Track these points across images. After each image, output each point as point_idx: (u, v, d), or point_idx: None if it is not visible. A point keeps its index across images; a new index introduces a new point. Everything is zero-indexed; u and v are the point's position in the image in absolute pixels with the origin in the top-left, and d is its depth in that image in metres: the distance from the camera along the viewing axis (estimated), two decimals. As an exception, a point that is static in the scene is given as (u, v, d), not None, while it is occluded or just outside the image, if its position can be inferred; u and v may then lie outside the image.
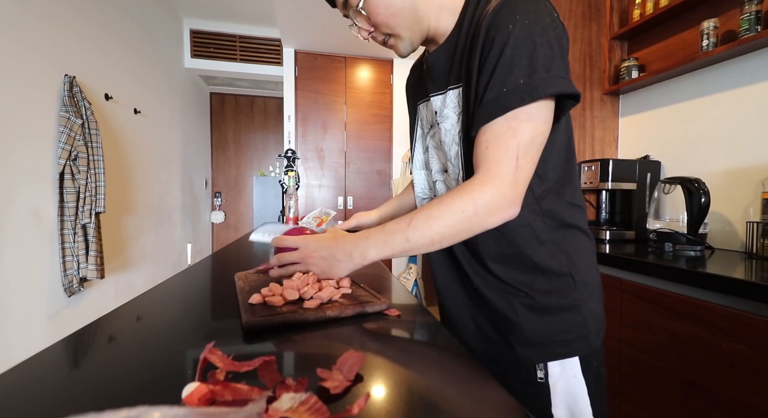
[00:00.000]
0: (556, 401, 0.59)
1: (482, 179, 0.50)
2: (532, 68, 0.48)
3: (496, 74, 0.50)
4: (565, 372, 0.59)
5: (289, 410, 0.28)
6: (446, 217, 0.50)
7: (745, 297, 0.91)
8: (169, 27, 3.33)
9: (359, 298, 0.61)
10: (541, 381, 0.59)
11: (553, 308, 0.59)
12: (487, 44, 0.51)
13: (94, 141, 2.03)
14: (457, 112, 0.59)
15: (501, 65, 0.49)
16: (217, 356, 0.34)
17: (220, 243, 4.77)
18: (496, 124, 0.50)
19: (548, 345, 0.59)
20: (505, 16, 0.50)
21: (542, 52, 0.49)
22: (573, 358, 0.59)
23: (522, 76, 0.48)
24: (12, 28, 1.64)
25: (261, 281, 0.74)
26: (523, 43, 0.48)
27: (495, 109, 0.49)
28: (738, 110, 1.43)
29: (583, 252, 0.63)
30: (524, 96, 0.48)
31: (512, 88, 0.48)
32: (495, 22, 0.50)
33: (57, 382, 0.38)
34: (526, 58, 0.48)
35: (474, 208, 0.49)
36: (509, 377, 0.62)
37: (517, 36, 0.48)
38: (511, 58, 0.49)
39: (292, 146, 3.37)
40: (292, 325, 0.52)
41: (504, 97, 0.49)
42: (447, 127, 0.62)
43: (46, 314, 1.83)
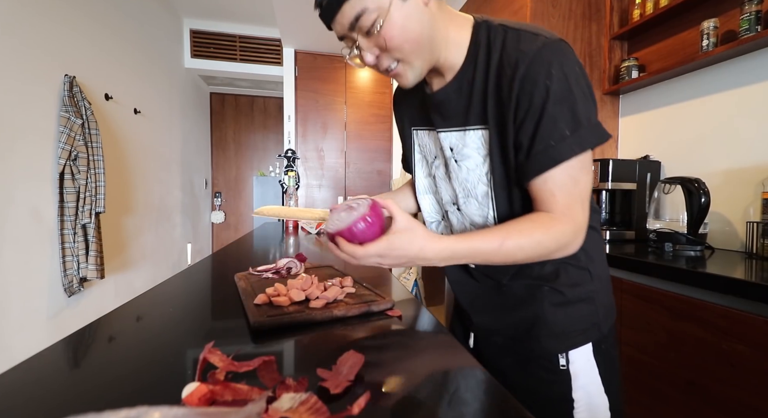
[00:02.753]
0: (576, 385, 0.63)
1: (564, 221, 0.54)
2: (576, 122, 0.52)
3: (542, 128, 0.53)
4: (581, 357, 0.64)
5: (289, 410, 0.28)
6: (532, 249, 0.53)
7: (745, 297, 0.91)
8: (169, 27, 3.33)
9: (364, 297, 0.62)
10: (563, 368, 0.64)
11: (574, 300, 0.64)
12: (524, 97, 0.53)
13: (94, 141, 2.03)
14: (483, 154, 0.61)
15: (546, 120, 0.52)
16: (216, 356, 0.34)
17: (220, 243, 4.77)
18: (556, 175, 0.54)
19: (569, 335, 0.64)
20: (540, 70, 0.51)
21: (581, 104, 0.52)
22: (587, 345, 0.64)
23: (568, 129, 0.52)
24: (12, 28, 1.64)
25: (262, 282, 0.74)
26: (564, 98, 0.52)
27: (547, 161, 0.53)
28: (738, 110, 1.43)
29: (597, 248, 0.68)
30: (574, 148, 0.52)
31: (560, 141, 0.52)
32: (530, 76, 0.52)
33: (57, 382, 0.38)
34: (568, 112, 0.52)
35: (556, 246, 0.54)
36: (532, 366, 0.66)
37: (556, 91, 0.51)
38: (554, 113, 0.52)
39: (292, 146, 3.37)
40: (298, 325, 0.52)
41: (554, 151, 0.53)
42: (469, 166, 0.63)
43: (46, 314, 1.83)
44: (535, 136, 0.53)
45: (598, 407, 0.64)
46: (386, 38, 0.53)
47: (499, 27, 0.58)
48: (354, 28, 0.54)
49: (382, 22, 0.52)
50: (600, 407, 0.64)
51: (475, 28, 0.60)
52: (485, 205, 0.64)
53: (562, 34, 1.81)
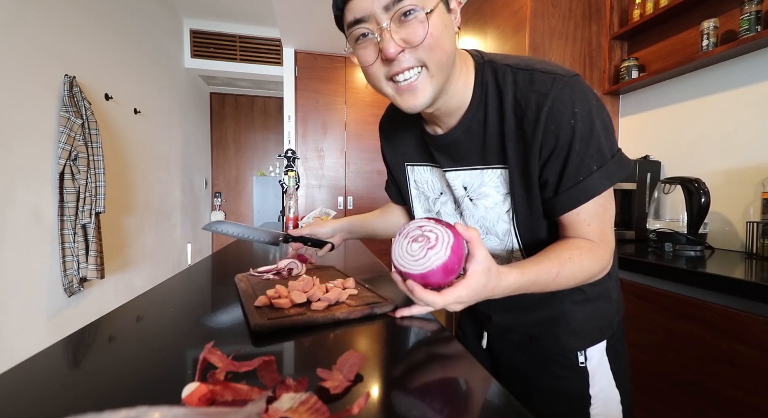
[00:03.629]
0: (593, 381, 0.65)
1: (603, 247, 0.57)
2: (601, 156, 0.54)
3: (570, 166, 0.54)
4: (597, 354, 0.66)
5: (289, 410, 0.28)
6: (582, 275, 0.55)
7: (745, 297, 0.91)
8: (169, 27, 3.33)
9: (366, 299, 0.61)
10: (582, 365, 0.65)
11: (593, 297, 0.66)
12: (549, 137, 0.53)
13: (94, 141, 2.03)
14: (503, 193, 0.62)
15: (573, 158, 0.53)
16: (216, 356, 0.34)
17: (220, 243, 4.77)
18: (588, 207, 0.56)
19: (588, 332, 0.66)
20: (563, 110, 0.52)
21: (604, 137, 0.54)
22: (602, 342, 0.66)
23: (595, 164, 0.54)
24: (12, 28, 1.64)
25: (263, 284, 0.74)
26: (589, 135, 0.53)
27: (579, 197, 0.55)
28: (738, 110, 1.43)
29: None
30: (604, 183, 0.54)
31: (588, 177, 0.54)
32: (554, 117, 0.52)
33: (57, 382, 0.38)
34: (595, 148, 0.53)
35: (599, 270, 0.57)
36: (549, 363, 0.68)
37: (581, 130, 0.52)
38: (581, 151, 0.53)
39: (292, 146, 3.37)
40: (299, 328, 0.52)
41: (584, 186, 0.54)
42: (488, 204, 0.64)
43: (46, 314, 1.83)
44: (564, 174, 0.55)
45: (611, 402, 0.65)
46: (428, 33, 0.48)
47: (505, 67, 0.56)
48: (390, 8, 0.47)
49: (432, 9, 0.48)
50: (612, 401, 0.65)
51: (478, 68, 0.58)
52: (506, 241, 0.65)
53: (562, 34, 1.81)
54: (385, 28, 0.48)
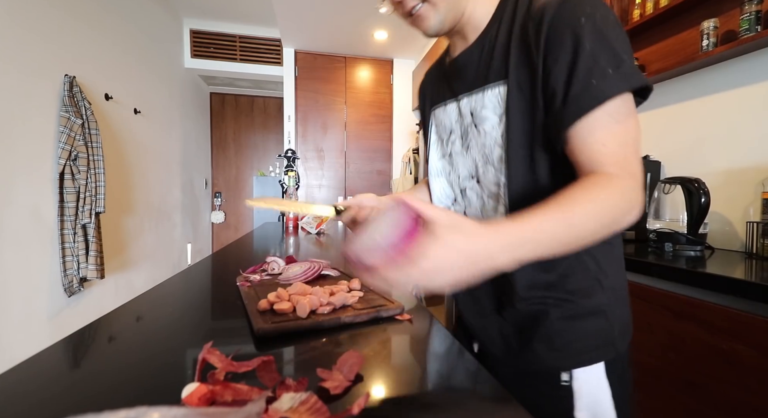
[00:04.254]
0: (579, 404, 0.58)
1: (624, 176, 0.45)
2: (618, 59, 0.45)
3: (579, 68, 0.46)
4: (589, 377, 0.58)
5: (289, 410, 0.28)
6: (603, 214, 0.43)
7: (745, 297, 0.91)
8: (169, 27, 3.34)
9: (372, 302, 0.60)
10: (565, 385, 0.58)
11: (582, 312, 0.57)
12: (555, 38, 0.47)
13: (94, 141, 2.03)
14: (498, 113, 0.56)
15: (583, 58, 0.46)
16: (215, 356, 0.34)
17: (220, 243, 4.77)
18: (602, 119, 0.46)
19: (574, 350, 0.57)
20: (573, 9, 0.47)
21: (621, 44, 0.46)
22: (598, 364, 0.58)
23: (610, 66, 0.45)
24: (12, 28, 1.64)
25: (265, 286, 0.74)
26: (603, 35, 0.46)
27: (589, 101, 0.45)
28: (738, 110, 1.43)
29: (612, 257, 0.60)
30: (621, 85, 0.45)
31: (602, 79, 0.45)
32: (561, 16, 0.47)
33: (57, 382, 0.38)
34: (608, 50, 0.46)
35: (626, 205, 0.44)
36: (532, 379, 0.60)
37: (593, 28, 0.46)
38: (592, 50, 0.45)
39: (292, 146, 3.37)
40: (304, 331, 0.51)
41: (596, 89, 0.45)
42: (487, 128, 0.58)
43: (46, 314, 1.83)
44: (572, 77, 0.46)
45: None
46: None
47: None
48: None
49: None
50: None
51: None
52: (500, 170, 0.57)
53: (562, 34, 1.81)
54: None
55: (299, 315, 0.54)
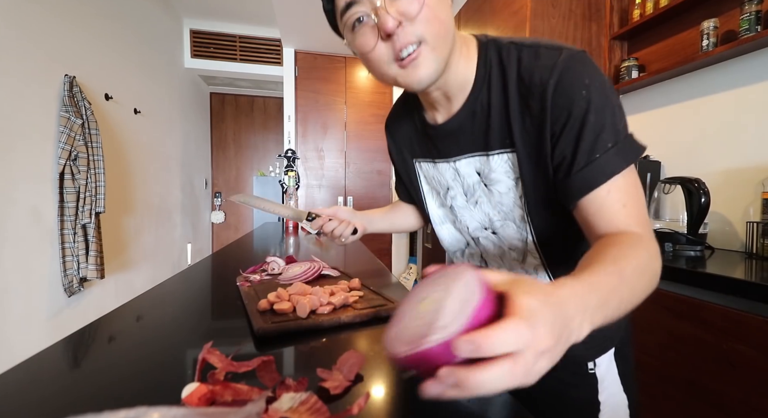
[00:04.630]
0: (602, 387, 0.64)
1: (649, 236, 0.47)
2: (616, 131, 0.48)
3: (584, 141, 0.48)
4: (606, 361, 0.65)
5: (289, 409, 0.28)
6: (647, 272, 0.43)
7: (745, 297, 0.91)
8: (169, 27, 3.33)
9: (372, 301, 0.60)
10: (592, 372, 0.64)
11: None
12: (559, 111, 0.49)
13: (94, 141, 2.03)
14: (513, 178, 0.58)
15: (588, 132, 0.48)
16: (215, 356, 0.34)
17: (220, 243, 4.77)
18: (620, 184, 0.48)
19: (598, 340, 0.63)
20: (574, 82, 0.48)
21: (619, 114, 0.49)
22: (611, 350, 0.65)
23: (610, 140, 0.48)
24: (12, 28, 1.64)
25: (265, 286, 0.74)
26: (603, 107, 0.48)
27: (596, 175, 0.48)
28: (738, 110, 1.43)
29: None
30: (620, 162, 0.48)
31: (605, 153, 0.48)
32: (564, 89, 0.48)
33: (57, 382, 0.38)
34: (609, 122, 0.48)
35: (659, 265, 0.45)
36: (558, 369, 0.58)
37: (595, 101, 0.47)
38: (595, 124, 0.47)
39: (292, 146, 3.37)
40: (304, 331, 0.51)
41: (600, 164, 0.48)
42: (501, 189, 0.60)
43: (46, 314, 1.83)
44: (578, 150, 0.48)
45: (620, 407, 0.65)
46: (424, 3, 0.46)
47: (510, 45, 0.53)
48: None
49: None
50: (621, 406, 0.65)
51: (481, 46, 0.55)
52: (523, 228, 0.61)
53: (562, 34, 1.81)
54: (380, 6, 0.47)
55: (299, 315, 0.54)
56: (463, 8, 2.44)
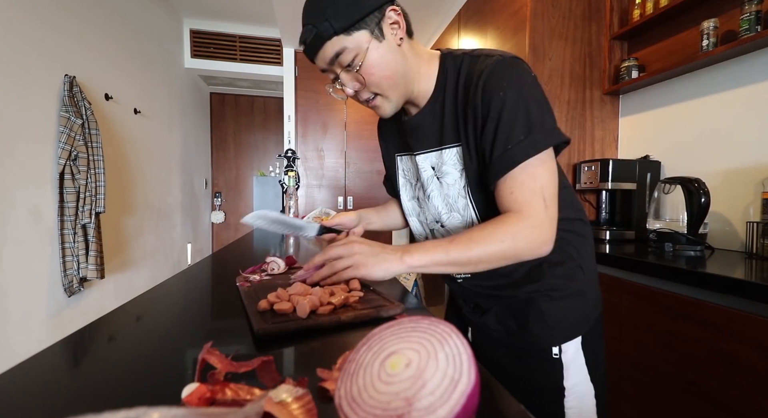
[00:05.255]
0: (567, 374, 0.67)
1: (517, 217, 0.56)
2: (529, 126, 0.56)
3: (499, 135, 0.57)
4: (573, 348, 0.68)
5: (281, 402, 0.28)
6: (486, 244, 0.55)
7: (745, 297, 0.91)
8: (169, 27, 3.34)
9: (372, 302, 0.60)
10: (556, 357, 0.68)
11: (568, 294, 0.68)
12: (483, 110, 0.58)
13: (94, 141, 2.03)
14: (459, 169, 0.66)
15: (501, 127, 0.57)
16: (215, 356, 0.34)
17: (220, 243, 4.77)
18: (515, 174, 0.57)
19: (562, 328, 0.68)
20: (494, 84, 0.57)
21: (534, 110, 0.57)
22: (578, 337, 0.68)
23: (521, 133, 0.56)
24: (12, 28, 1.64)
25: (265, 286, 0.74)
26: (516, 106, 0.56)
27: (505, 164, 0.57)
28: (738, 110, 1.43)
29: (585, 242, 0.72)
30: (529, 151, 0.56)
31: (515, 144, 0.56)
32: (486, 91, 0.57)
33: (57, 382, 0.38)
34: (522, 119, 0.56)
35: (513, 240, 0.55)
36: (526, 355, 0.70)
37: (509, 100, 0.56)
38: (509, 119, 0.56)
39: (292, 146, 3.37)
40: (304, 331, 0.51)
41: (510, 153, 0.56)
42: (449, 181, 0.68)
43: (46, 314, 1.83)
44: (495, 142, 0.58)
45: (586, 395, 0.68)
46: (365, 75, 0.60)
47: (460, 55, 0.64)
48: (334, 63, 0.60)
49: (361, 62, 0.58)
50: (587, 395, 0.68)
51: (441, 59, 0.66)
52: (466, 216, 0.69)
53: (562, 34, 1.81)
54: (340, 77, 0.62)
55: (299, 315, 0.54)
56: (463, 8, 2.45)
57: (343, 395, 0.25)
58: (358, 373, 0.26)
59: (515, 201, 0.57)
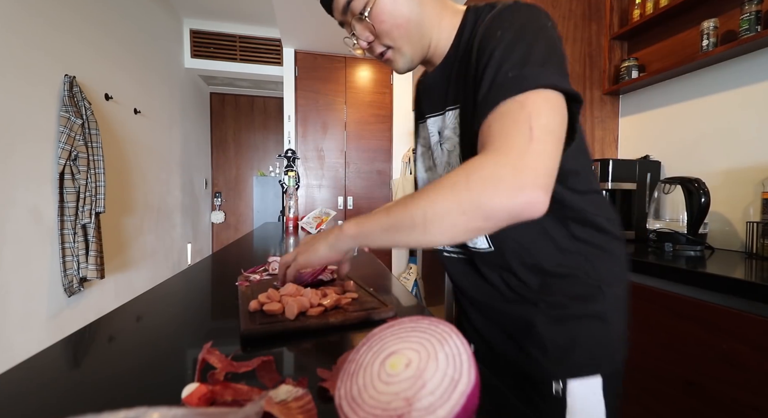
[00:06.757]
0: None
1: (481, 154, 0.42)
2: (522, 62, 0.44)
3: (487, 73, 0.46)
4: (586, 392, 0.53)
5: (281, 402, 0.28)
6: (434, 193, 0.41)
7: (745, 297, 0.91)
8: (169, 27, 3.33)
9: (365, 304, 0.59)
10: (557, 396, 0.54)
11: (579, 314, 0.54)
12: (478, 56, 0.49)
13: (94, 141, 2.03)
14: (458, 134, 0.58)
15: (491, 66, 0.46)
16: (215, 356, 0.34)
17: (220, 243, 4.77)
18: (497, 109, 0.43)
19: (571, 358, 0.54)
20: (495, 25, 0.48)
21: (536, 50, 0.45)
22: (596, 376, 0.54)
23: (511, 70, 0.44)
24: (12, 28, 1.64)
25: (264, 285, 0.74)
26: (514, 43, 0.46)
27: (486, 105, 0.44)
28: (738, 110, 1.43)
29: (614, 266, 0.58)
30: (513, 87, 0.42)
31: (501, 81, 0.44)
32: (486, 35, 0.49)
33: (57, 382, 0.38)
34: (517, 55, 0.44)
35: (467, 182, 0.39)
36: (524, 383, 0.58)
37: (506, 38, 0.46)
38: (500, 57, 0.45)
39: (292, 146, 3.37)
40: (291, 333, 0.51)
41: (494, 90, 0.44)
42: (449, 148, 0.60)
43: (46, 314, 1.83)
44: (481, 83, 0.47)
45: None
46: (375, 23, 0.54)
47: (483, 6, 0.55)
48: (347, 12, 0.56)
49: (370, 8, 0.53)
50: None
51: (465, 13, 0.58)
52: None
53: (562, 34, 1.81)
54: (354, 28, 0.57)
55: (288, 316, 0.53)
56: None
57: (343, 395, 0.25)
58: (358, 373, 0.26)
59: (489, 135, 0.42)
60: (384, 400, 0.23)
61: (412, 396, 0.23)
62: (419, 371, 0.24)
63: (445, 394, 0.22)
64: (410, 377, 0.24)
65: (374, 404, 0.23)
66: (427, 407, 0.22)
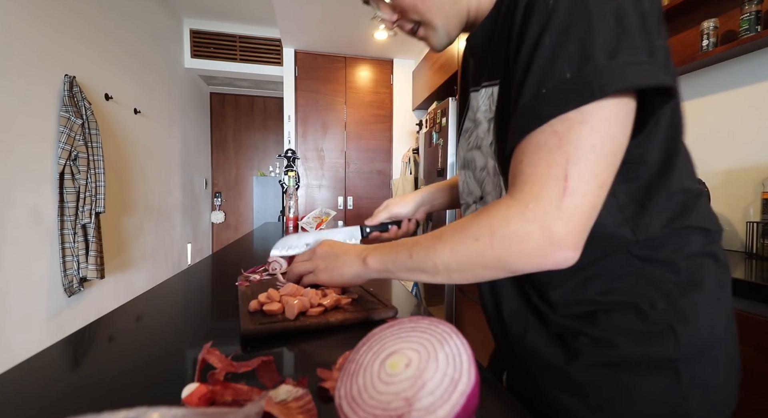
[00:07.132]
0: None
1: (508, 201, 0.35)
2: (584, 56, 0.32)
3: (533, 71, 0.35)
4: None
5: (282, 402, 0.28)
6: (455, 242, 0.37)
7: (745, 297, 0.91)
8: (169, 27, 3.34)
9: (365, 304, 0.59)
10: None
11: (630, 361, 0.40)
12: (523, 29, 0.36)
13: (94, 141, 2.03)
14: (488, 118, 0.48)
15: (539, 57, 0.34)
16: (215, 356, 0.34)
17: (220, 243, 4.77)
18: (536, 135, 0.35)
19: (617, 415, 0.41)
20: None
21: (602, 30, 0.32)
22: None
23: (569, 69, 0.33)
24: (12, 29, 1.64)
25: (263, 285, 0.74)
26: (570, 23, 0.33)
27: (528, 119, 0.35)
28: (738, 110, 1.43)
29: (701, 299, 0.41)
30: (570, 98, 0.32)
31: (553, 87, 0.33)
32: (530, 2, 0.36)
33: (57, 382, 0.38)
34: (575, 43, 0.33)
35: (491, 238, 0.35)
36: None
37: (560, 12, 0.33)
38: (552, 45, 0.34)
39: (292, 146, 3.37)
40: (291, 333, 0.51)
41: (541, 101, 0.34)
42: (480, 134, 0.51)
43: (46, 314, 1.83)
44: (524, 83, 0.36)
45: None
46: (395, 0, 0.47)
47: None
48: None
49: None
50: None
51: None
52: (498, 183, 0.48)
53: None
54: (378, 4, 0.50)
55: (288, 316, 0.53)
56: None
57: (343, 395, 0.25)
58: (358, 373, 0.26)
59: (521, 174, 0.35)
60: (384, 400, 0.23)
61: (412, 396, 0.23)
62: (419, 371, 0.24)
63: (445, 394, 0.22)
64: (410, 377, 0.24)
65: (374, 404, 0.23)
66: (427, 407, 0.22)
